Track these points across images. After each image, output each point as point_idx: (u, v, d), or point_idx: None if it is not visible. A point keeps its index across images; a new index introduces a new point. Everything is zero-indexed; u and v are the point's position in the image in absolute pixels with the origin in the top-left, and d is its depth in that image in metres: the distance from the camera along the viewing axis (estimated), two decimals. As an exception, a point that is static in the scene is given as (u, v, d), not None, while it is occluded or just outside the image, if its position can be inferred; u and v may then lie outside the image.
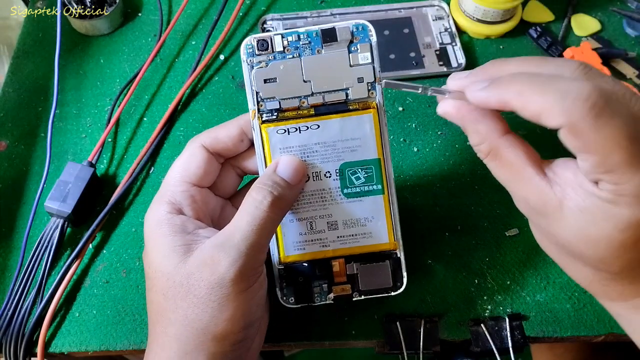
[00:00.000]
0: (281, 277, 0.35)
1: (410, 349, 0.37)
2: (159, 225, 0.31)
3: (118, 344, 0.39)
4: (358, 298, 0.35)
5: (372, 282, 0.35)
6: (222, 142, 0.34)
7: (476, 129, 0.28)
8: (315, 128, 0.33)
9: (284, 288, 0.35)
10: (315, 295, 0.35)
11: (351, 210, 0.34)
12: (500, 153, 0.27)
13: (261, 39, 0.32)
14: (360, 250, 0.35)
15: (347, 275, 0.35)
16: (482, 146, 0.28)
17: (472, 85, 0.27)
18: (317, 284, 0.35)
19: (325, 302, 0.35)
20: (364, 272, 0.35)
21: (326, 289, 0.35)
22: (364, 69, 0.32)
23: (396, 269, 0.35)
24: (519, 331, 0.38)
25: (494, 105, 0.26)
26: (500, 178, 0.28)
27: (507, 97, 0.25)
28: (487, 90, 0.26)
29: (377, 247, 0.35)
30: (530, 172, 0.27)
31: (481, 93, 0.26)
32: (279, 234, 0.34)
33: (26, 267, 0.40)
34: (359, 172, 0.34)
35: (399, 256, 0.35)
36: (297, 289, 0.35)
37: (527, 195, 0.27)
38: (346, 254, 0.35)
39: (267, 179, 0.32)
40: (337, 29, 0.32)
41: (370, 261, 0.35)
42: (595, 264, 0.27)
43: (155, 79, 0.50)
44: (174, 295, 0.30)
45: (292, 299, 0.35)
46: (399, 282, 0.35)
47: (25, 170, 0.46)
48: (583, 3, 0.54)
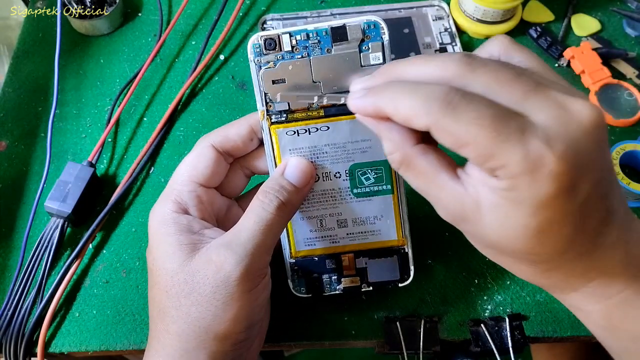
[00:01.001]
0: (293, 270, 0.36)
1: (410, 349, 0.37)
2: (164, 224, 0.31)
3: (118, 344, 0.39)
4: (367, 289, 0.36)
5: (380, 275, 0.36)
6: (232, 140, 0.33)
7: (389, 136, 0.27)
8: (325, 129, 0.33)
9: (295, 279, 0.36)
10: (325, 286, 0.36)
11: (360, 209, 0.34)
12: (413, 162, 0.27)
13: (268, 37, 0.31)
14: (369, 247, 0.35)
15: (357, 269, 0.36)
16: (395, 155, 0.27)
17: (352, 94, 0.28)
18: (327, 276, 0.36)
19: (334, 292, 0.36)
20: (373, 265, 0.36)
21: (336, 280, 0.36)
22: (375, 69, 0.32)
23: (404, 262, 0.36)
24: (519, 331, 0.38)
25: (371, 112, 0.27)
26: (417, 188, 0.27)
27: (381, 104, 0.26)
28: (363, 99, 0.27)
29: (385, 243, 0.35)
30: (444, 177, 0.26)
31: (358, 101, 0.27)
32: (290, 230, 0.35)
33: (26, 267, 0.40)
34: (369, 172, 0.34)
35: (406, 251, 0.36)
36: (308, 280, 0.36)
37: (445, 202, 0.26)
38: (355, 250, 0.35)
39: (275, 183, 0.32)
40: (347, 27, 0.31)
41: (379, 256, 0.36)
42: (526, 257, 0.26)
43: (155, 79, 0.50)
44: (177, 293, 0.30)
45: (303, 289, 0.36)
46: (407, 274, 0.36)
47: (25, 170, 0.46)
48: (583, 3, 0.54)
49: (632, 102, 0.48)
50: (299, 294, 0.36)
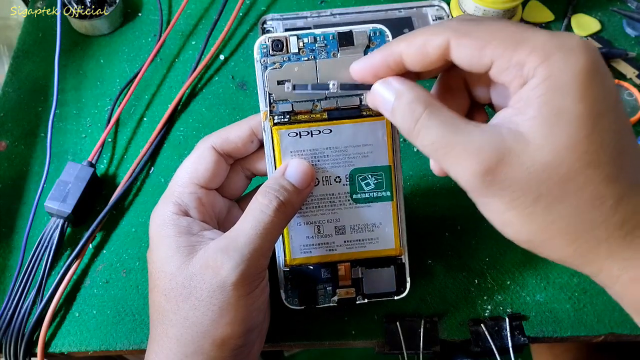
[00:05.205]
0: (286, 279, 0.35)
1: (410, 349, 0.37)
2: (164, 226, 0.31)
3: (118, 344, 0.39)
4: (362, 301, 0.36)
5: (376, 286, 0.35)
6: (233, 142, 0.33)
7: (407, 86, 0.26)
8: (327, 132, 0.32)
9: (288, 290, 0.35)
10: (319, 298, 0.35)
11: (359, 216, 0.34)
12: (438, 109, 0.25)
13: (276, 39, 0.31)
14: (366, 255, 0.35)
15: (352, 279, 0.35)
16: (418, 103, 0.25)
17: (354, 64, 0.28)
18: (321, 286, 0.35)
19: (328, 304, 0.36)
20: (369, 277, 0.35)
21: (330, 291, 0.35)
22: None
23: (400, 274, 0.36)
24: (519, 331, 0.38)
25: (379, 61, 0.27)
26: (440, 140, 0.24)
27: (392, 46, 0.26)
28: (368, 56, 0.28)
29: (383, 252, 0.35)
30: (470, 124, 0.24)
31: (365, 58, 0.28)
32: (286, 237, 0.34)
33: (26, 267, 0.40)
34: (369, 178, 0.34)
35: (403, 262, 0.35)
36: (302, 291, 0.35)
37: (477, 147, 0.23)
38: (352, 259, 0.35)
39: (275, 183, 0.31)
40: (354, 32, 0.32)
41: (375, 266, 0.35)
42: (586, 160, 0.23)
43: (155, 79, 0.50)
44: (176, 297, 0.30)
45: (296, 300, 0.35)
46: (402, 287, 0.36)
47: (25, 170, 0.46)
48: (583, 3, 0.54)
49: (632, 102, 0.48)
50: (291, 306, 0.35)
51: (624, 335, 0.38)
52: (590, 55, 0.23)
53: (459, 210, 0.43)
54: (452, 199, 0.43)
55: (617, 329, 0.38)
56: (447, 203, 0.43)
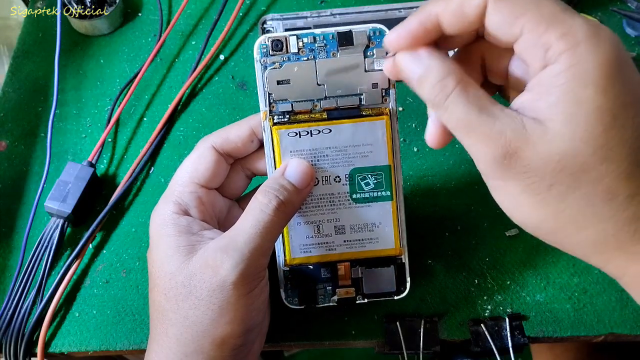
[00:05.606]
0: (286, 279, 0.35)
1: (410, 349, 0.37)
2: (164, 225, 0.31)
3: (118, 344, 0.39)
4: (361, 301, 0.36)
5: (376, 286, 0.35)
6: (233, 142, 0.33)
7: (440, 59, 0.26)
8: (327, 132, 0.33)
9: (288, 289, 0.35)
10: (319, 297, 0.35)
11: (359, 216, 0.34)
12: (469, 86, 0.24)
13: (276, 38, 0.31)
14: (366, 255, 0.35)
15: (352, 279, 0.35)
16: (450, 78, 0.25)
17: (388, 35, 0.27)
18: (321, 286, 0.35)
19: (328, 304, 0.36)
20: (369, 276, 0.35)
21: (330, 291, 0.35)
22: (379, 74, 0.32)
23: (400, 274, 0.36)
24: (519, 331, 0.38)
25: (416, 25, 0.26)
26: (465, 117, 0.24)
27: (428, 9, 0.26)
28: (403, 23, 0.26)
29: (382, 252, 0.35)
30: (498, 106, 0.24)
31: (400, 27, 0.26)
32: (286, 236, 0.34)
33: (26, 267, 0.40)
34: (369, 177, 0.34)
35: (403, 262, 0.35)
36: (302, 290, 0.35)
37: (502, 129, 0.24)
38: (352, 258, 0.35)
39: (274, 183, 0.31)
40: (354, 32, 0.32)
41: (375, 265, 0.35)
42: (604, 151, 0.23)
43: (155, 79, 0.50)
44: (176, 296, 0.30)
45: (295, 300, 0.35)
46: (402, 286, 0.36)
47: (25, 170, 0.46)
48: (583, 3, 0.54)
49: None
50: (291, 305, 0.36)
51: (624, 335, 0.38)
52: (617, 48, 0.23)
53: (459, 210, 0.43)
54: (452, 199, 0.43)
55: (617, 329, 0.38)
56: (447, 203, 0.43)
